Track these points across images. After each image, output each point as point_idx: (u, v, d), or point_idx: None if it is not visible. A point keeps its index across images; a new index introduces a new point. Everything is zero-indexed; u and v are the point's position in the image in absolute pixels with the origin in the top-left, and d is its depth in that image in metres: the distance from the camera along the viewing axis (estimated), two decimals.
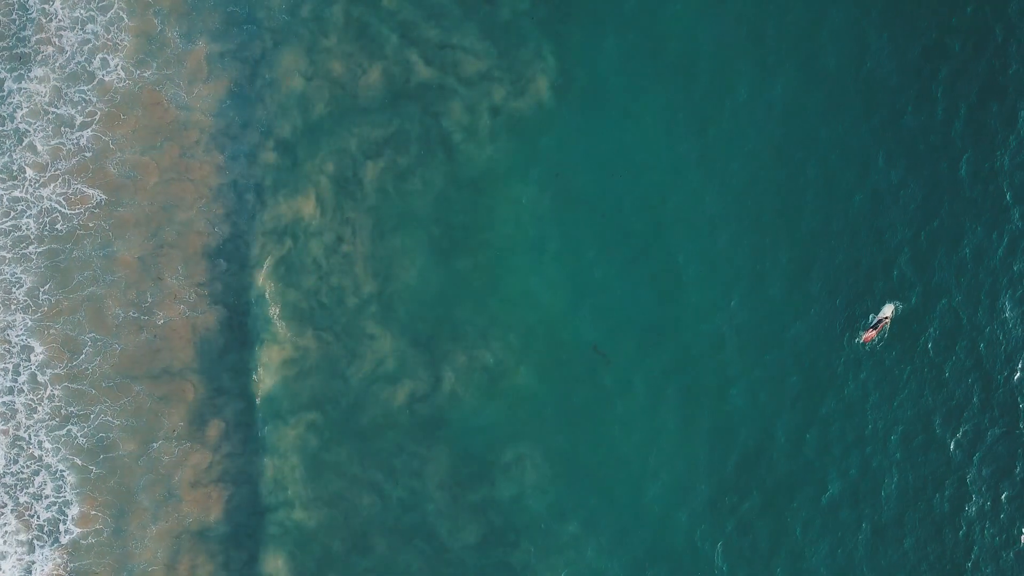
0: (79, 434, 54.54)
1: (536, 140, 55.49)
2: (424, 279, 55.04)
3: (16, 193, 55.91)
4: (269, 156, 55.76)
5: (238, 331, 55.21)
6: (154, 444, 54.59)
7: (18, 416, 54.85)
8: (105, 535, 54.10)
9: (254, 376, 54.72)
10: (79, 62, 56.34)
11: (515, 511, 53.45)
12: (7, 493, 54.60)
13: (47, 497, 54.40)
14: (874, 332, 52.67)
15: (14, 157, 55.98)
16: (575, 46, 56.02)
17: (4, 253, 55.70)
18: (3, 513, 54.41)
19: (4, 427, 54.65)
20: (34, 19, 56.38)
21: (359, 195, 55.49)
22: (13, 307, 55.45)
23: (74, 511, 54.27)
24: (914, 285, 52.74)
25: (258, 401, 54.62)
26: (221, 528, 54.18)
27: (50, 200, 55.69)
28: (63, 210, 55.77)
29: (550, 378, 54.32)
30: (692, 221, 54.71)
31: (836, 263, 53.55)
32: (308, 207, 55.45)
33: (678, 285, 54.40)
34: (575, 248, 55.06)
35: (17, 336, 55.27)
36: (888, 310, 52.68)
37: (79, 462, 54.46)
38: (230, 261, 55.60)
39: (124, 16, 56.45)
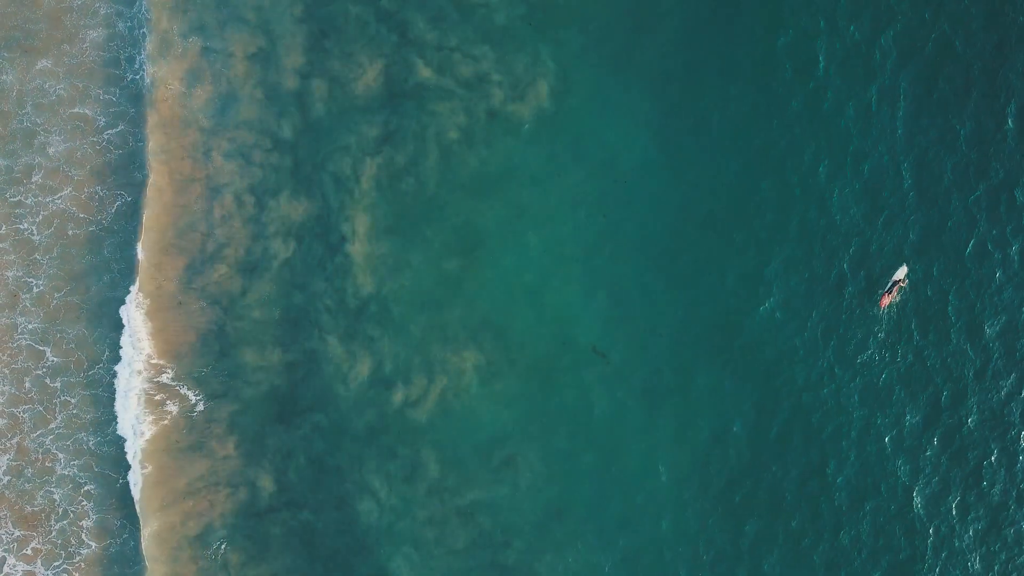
0: (93, 442, 53.07)
1: (537, 143, 55.76)
2: (418, 280, 55.22)
3: (25, 198, 54.15)
4: (270, 157, 56.00)
5: (234, 334, 55.09)
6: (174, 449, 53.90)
7: (24, 425, 52.75)
8: (131, 545, 52.70)
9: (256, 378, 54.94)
10: (103, 59, 55.01)
11: (507, 512, 53.35)
12: (9, 508, 52.30)
13: (61, 508, 53.05)
14: (889, 297, 52.73)
15: (30, 158, 54.42)
16: (576, 51, 56.40)
17: (12, 256, 53.66)
18: (5, 525, 52.16)
19: (14, 438, 52.38)
20: (50, 15, 54.74)
21: (358, 193, 55.74)
22: (20, 311, 53.28)
23: (91, 522, 52.77)
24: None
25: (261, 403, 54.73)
26: (223, 529, 53.86)
27: (63, 202, 54.16)
28: (79, 213, 54.26)
29: (545, 379, 54.28)
30: (692, 220, 55.32)
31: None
32: (312, 207, 55.78)
33: (676, 283, 54.92)
34: (576, 250, 55.34)
35: (21, 341, 53.80)
36: (901, 272, 52.72)
37: (96, 469, 53.07)
38: (230, 264, 55.50)
39: (150, 10, 56.25)
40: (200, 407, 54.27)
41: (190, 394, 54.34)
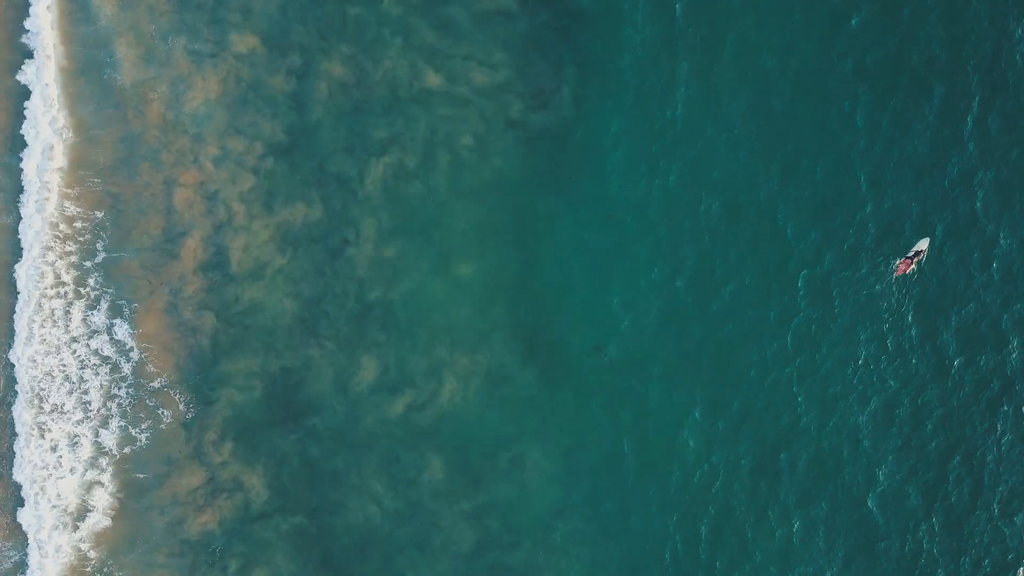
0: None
1: (552, 149, 54.94)
2: (426, 284, 54.85)
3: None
4: (264, 161, 54.81)
5: (227, 340, 54.81)
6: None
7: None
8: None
9: (253, 383, 54.69)
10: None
11: (515, 512, 54.07)
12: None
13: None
14: (906, 266, 52.76)
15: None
16: (595, 56, 55.02)
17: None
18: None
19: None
20: None
21: (362, 194, 54.83)
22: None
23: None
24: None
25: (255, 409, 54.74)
26: (218, 534, 54.25)
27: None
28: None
29: (552, 380, 54.55)
30: (697, 225, 55.06)
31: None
32: (311, 212, 54.88)
33: (678, 287, 54.86)
34: (584, 253, 55.26)
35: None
36: (924, 243, 52.66)
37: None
38: (222, 272, 54.83)
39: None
40: (193, 413, 54.20)
41: (182, 400, 54.20)
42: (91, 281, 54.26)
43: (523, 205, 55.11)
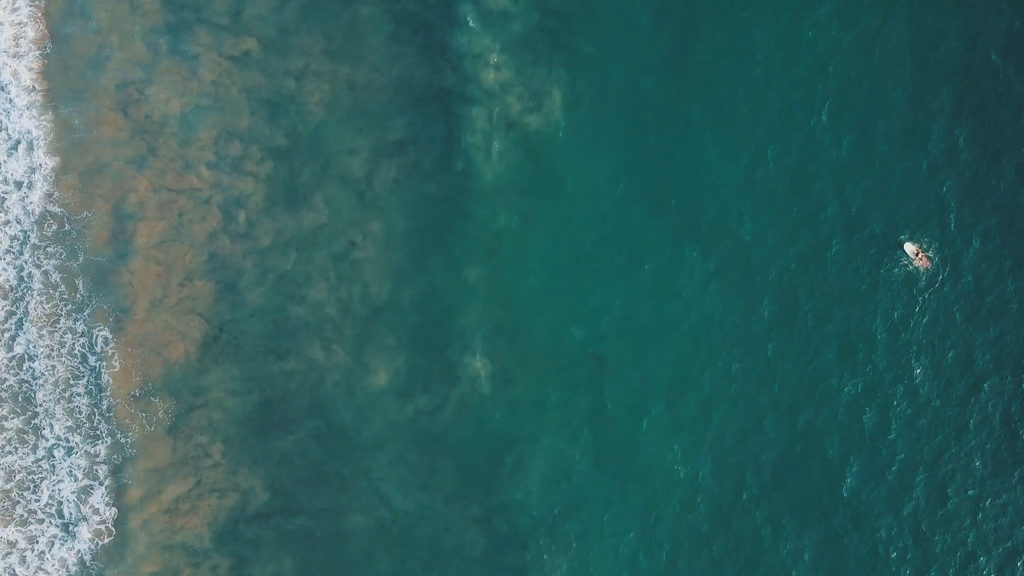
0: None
1: (550, 151, 55.29)
2: (435, 287, 54.72)
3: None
4: (263, 166, 54.53)
5: (216, 346, 54.24)
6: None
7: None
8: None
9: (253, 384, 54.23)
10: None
11: (524, 514, 53.72)
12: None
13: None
14: (927, 262, 53.63)
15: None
16: (584, 58, 55.67)
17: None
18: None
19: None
20: None
21: (369, 196, 54.76)
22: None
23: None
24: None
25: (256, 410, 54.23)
26: (215, 537, 53.47)
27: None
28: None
29: (558, 381, 54.46)
30: (699, 227, 55.50)
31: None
32: (314, 215, 54.69)
33: (679, 289, 55.15)
34: (590, 257, 55.41)
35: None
36: (909, 247, 53.95)
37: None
38: (216, 279, 54.44)
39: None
40: (183, 417, 53.64)
41: (172, 404, 53.64)
42: (79, 284, 53.97)
43: (533, 207, 55.38)
